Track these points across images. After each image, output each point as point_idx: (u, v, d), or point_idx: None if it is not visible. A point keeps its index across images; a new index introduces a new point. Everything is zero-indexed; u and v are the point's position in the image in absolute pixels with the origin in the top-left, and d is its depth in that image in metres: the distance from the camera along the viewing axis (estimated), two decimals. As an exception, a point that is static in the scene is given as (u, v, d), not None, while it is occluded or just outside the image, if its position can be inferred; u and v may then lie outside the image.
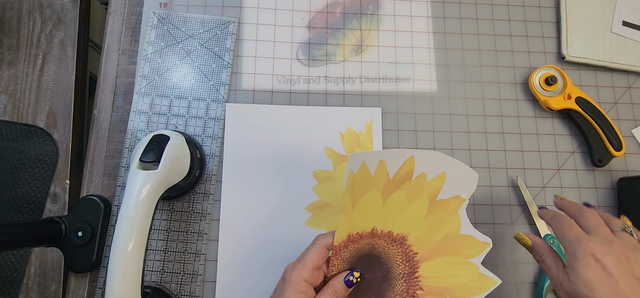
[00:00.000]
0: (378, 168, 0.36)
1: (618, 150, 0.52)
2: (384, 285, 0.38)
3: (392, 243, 0.38)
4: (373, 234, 0.37)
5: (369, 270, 0.38)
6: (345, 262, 0.37)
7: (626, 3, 0.58)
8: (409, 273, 0.38)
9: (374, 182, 0.36)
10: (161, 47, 0.54)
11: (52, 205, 0.51)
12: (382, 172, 0.36)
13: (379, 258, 0.38)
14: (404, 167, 0.36)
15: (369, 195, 0.36)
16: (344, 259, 0.37)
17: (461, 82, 0.55)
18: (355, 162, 0.35)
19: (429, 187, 0.37)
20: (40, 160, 0.52)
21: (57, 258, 0.49)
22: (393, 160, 0.36)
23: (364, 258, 0.38)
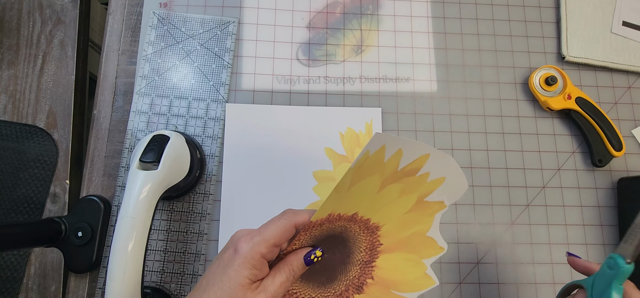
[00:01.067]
0: (393, 156, 0.35)
1: (618, 150, 0.52)
2: (340, 268, 0.37)
3: (365, 231, 0.37)
4: (353, 218, 0.37)
5: (330, 250, 0.37)
6: (312, 240, 0.36)
7: (626, 3, 0.58)
8: (367, 261, 0.38)
9: (382, 168, 0.35)
10: (161, 47, 0.54)
11: (52, 205, 0.51)
12: (395, 161, 0.35)
13: (346, 241, 0.37)
14: (416, 162, 0.36)
15: (369, 180, 0.36)
16: (312, 237, 0.36)
17: (461, 82, 0.55)
18: (376, 143, 0.34)
19: (425, 187, 0.37)
20: (40, 160, 0.52)
21: (57, 258, 0.49)
22: (410, 152, 0.35)
23: (331, 239, 0.37)
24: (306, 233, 0.35)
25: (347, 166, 0.51)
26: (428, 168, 0.36)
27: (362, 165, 0.34)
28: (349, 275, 0.37)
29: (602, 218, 0.52)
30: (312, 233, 0.35)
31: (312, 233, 0.35)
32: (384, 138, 0.34)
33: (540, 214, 0.51)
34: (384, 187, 0.36)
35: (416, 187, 0.37)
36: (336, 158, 0.51)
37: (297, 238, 0.35)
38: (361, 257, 0.38)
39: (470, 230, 0.51)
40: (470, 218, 0.51)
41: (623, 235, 0.50)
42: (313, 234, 0.36)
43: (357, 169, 0.34)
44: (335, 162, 0.51)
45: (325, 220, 0.35)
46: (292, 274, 0.34)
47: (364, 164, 0.35)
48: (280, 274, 0.33)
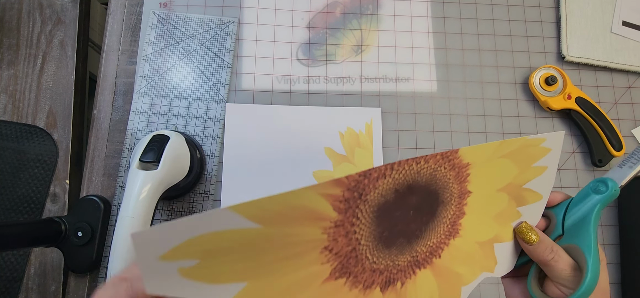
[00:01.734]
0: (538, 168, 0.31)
1: (618, 150, 0.52)
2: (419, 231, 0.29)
3: (458, 198, 0.30)
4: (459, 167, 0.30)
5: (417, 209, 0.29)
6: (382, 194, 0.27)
7: (626, 3, 0.58)
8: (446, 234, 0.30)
9: (525, 168, 0.31)
10: (161, 47, 0.54)
11: (52, 205, 0.51)
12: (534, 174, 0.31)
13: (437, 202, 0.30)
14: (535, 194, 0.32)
15: (508, 165, 0.30)
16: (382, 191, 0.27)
17: (461, 82, 0.55)
18: (553, 142, 0.31)
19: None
20: (40, 160, 0.52)
21: (57, 258, 0.49)
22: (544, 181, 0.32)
23: (424, 191, 0.29)
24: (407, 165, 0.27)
25: (347, 166, 0.51)
26: (524, 212, 0.32)
27: (530, 146, 0.30)
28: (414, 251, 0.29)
29: (602, 218, 0.52)
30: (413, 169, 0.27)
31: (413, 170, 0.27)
32: (558, 143, 0.31)
33: (540, 214, 0.51)
34: (503, 191, 0.31)
35: (504, 223, 0.32)
36: (336, 158, 0.51)
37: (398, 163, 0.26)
38: (432, 242, 0.30)
39: (470, 230, 0.51)
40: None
41: (623, 235, 0.50)
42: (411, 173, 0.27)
43: (525, 145, 0.30)
44: (335, 162, 0.51)
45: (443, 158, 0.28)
46: None
47: (530, 147, 0.31)
48: None
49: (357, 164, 0.51)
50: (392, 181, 0.26)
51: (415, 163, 0.27)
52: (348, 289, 0.26)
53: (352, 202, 0.25)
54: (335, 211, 0.24)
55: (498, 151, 0.30)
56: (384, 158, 0.52)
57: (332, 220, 0.24)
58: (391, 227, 0.27)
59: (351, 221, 0.25)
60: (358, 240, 0.26)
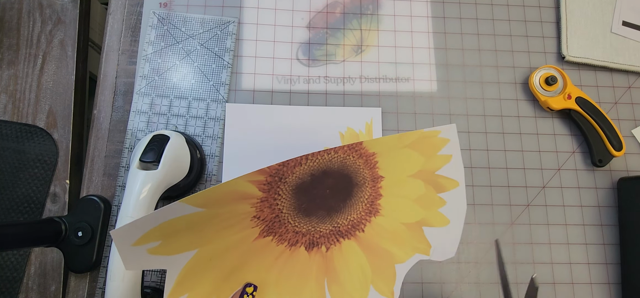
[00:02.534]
0: (443, 157, 0.35)
1: (618, 150, 0.52)
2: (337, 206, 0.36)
3: (371, 181, 0.36)
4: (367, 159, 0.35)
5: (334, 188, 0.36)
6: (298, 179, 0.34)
7: (626, 3, 0.58)
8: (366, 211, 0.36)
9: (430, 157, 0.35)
10: (161, 47, 0.54)
11: (52, 205, 0.51)
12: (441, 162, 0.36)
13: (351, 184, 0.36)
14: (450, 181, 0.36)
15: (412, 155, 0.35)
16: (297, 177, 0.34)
17: (461, 82, 0.55)
18: (448, 133, 0.35)
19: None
20: (40, 160, 0.52)
21: (57, 258, 0.49)
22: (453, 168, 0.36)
23: (338, 175, 0.35)
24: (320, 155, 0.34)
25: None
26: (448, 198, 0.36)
27: (429, 137, 0.35)
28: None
29: (602, 218, 0.52)
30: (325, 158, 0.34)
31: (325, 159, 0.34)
32: (453, 134, 0.35)
33: (540, 214, 0.51)
34: (416, 177, 0.36)
35: (429, 207, 0.37)
36: (336, 158, 0.51)
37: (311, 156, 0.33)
38: (353, 217, 0.36)
39: (471, 230, 0.51)
40: (470, 218, 0.51)
41: (623, 235, 0.50)
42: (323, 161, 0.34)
43: (424, 137, 0.35)
44: (335, 162, 0.51)
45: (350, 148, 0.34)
46: None
47: (429, 138, 0.35)
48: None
49: (357, 164, 0.51)
50: (307, 168, 0.33)
51: (326, 154, 0.34)
52: (275, 245, 0.35)
53: (274, 184, 0.33)
54: (260, 191, 0.33)
55: (399, 142, 0.35)
56: (384, 158, 0.52)
57: (258, 198, 0.33)
58: (309, 201, 0.35)
59: (273, 197, 0.33)
60: (280, 209, 0.34)
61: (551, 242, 0.51)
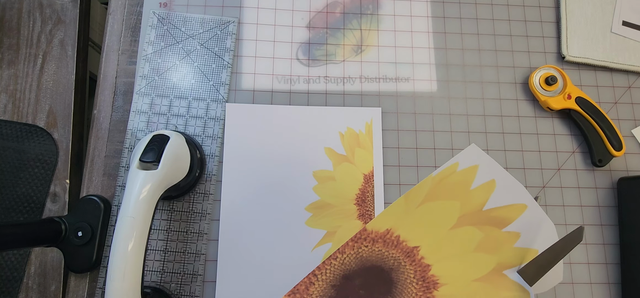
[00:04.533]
0: (484, 186, 0.29)
1: (618, 150, 0.52)
2: None
3: (419, 281, 0.30)
4: (411, 253, 0.30)
5: (369, 287, 0.30)
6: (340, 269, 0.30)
7: (626, 3, 0.58)
8: None
9: (466, 196, 0.29)
10: (161, 47, 0.54)
11: (52, 205, 0.51)
12: (483, 194, 0.29)
13: (391, 282, 0.30)
14: (508, 209, 0.29)
15: (447, 205, 0.29)
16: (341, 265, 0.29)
17: (461, 82, 0.55)
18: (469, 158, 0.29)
19: (509, 253, 0.30)
20: (40, 159, 0.52)
21: (57, 258, 0.49)
22: (504, 190, 0.29)
23: (371, 272, 0.30)
24: (328, 265, 0.29)
25: (347, 166, 0.51)
26: (520, 227, 0.29)
27: (445, 179, 0.29)
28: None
29: (602, 218, 0.52)
30: (335, 265, 0.29)
31: (335, 266, 0.29)
32: (479, 155, 0.28)
33: (540, 214, 0.51)
34: (461, 226, 0.30)
35: (498, 248, 0.30)
36: (336, 158, 0.51)
37: (318, 270, 0.29)
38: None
39: (470, 230, 0.51)
40: (470, 218, 0.51)
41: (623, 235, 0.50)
42: (336, 267, 0.29)
43: (438, 181, 0.29)
44: (335, 162, 0.51)
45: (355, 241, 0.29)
46: None
47: (447, 179, 0.29)
48: None
49: (357, 164, 0.51)
50: (323, 283, 0.28)
51: (333, 260, 0.28)
52: None
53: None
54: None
55: (410, 203, 0.29)
56: (384, 158, 0.52)
57: None
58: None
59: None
60: None
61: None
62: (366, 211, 0.49)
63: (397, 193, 0.51)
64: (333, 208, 0.49)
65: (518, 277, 0.29)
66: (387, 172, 0.51)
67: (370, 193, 0.50)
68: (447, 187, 0.29)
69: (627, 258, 0.49)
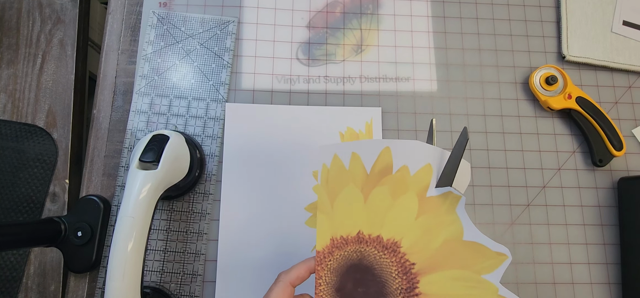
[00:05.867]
0: (352, 161, 0.33)
1: (619, 150, 0.52)
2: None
3: (384, 251, 0.33)
4: (359, 239, 0.33)
5: (362, 284, 0.33)
6: (334, 273, 0.33)
7: (626, 3, 0.58)
8: (408, 288, 0.32)
9: (350, 176, 0.33)
10: (161, 47, 0.54)
11: (51, 205, 0.51)
12: (358, 165, 0.33)
13: (371, 269, 0.33)
14: (380, 159, 0.33)
15: (346, 191, 0.33)
16: (331, 269, 0.33)
17: (461, 82, 0.55)
18: (327, 155, 0.33)
19: (414, 181, 0.33)
20: (40, 159, 0.52)
21: (57, 258, 0.49)
22: (368, 152, 0.33)
23: (354, 269, 0.33)
24: (322, 267, 0.33)
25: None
26: (401, 162, 0.33)
27: (328, 179, 0.33)
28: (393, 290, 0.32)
29: (603, 218, 0.52)
30: (328, 265, 0.33)
31: (329, 265, 0.33)
32: (332, 147, 0.33)
33: (540, 214, 0.51)
34: (368, 195, 0.33)
35: (404, 185, 0.33)
36: (336, 158, 0.51)
37: (318, 275, 0.33)
38: (398, 285, 0.32)
39: (471, 230, 0.51)
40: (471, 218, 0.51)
41: (623, 235, 0.50)
42: (330, 266, 0.33)
43: (325, 184, 0.33)
44: (335, 161, 0.51)
45: (332, 247, 0.33)
46: None
47: (329, 178, 0.33)
48: None
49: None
50: None
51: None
52: None
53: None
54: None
55: None
56: (384, 158, 0.52)
57: None
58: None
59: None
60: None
61: (551, 242, 0.51)
62: (366, 211, 0.49)
63: (397, 193, 0.51)
64: (333, 208, 0.49)
65: (435, 189, 0.33)
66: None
67: (370, 193, 0.50)
68: (334, 183, 0.33)
69: (627, 258, 0.49)
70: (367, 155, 0.33)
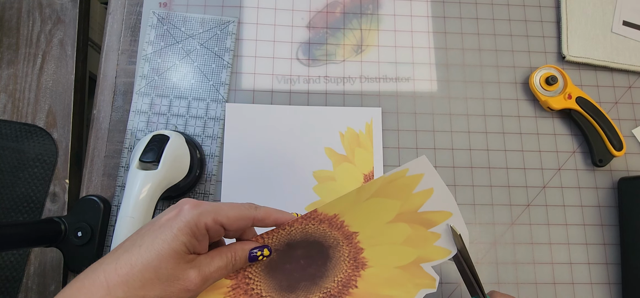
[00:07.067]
0: (423, 193, 0.34)
1: (619, 150, 0.52)
2: (314, 280, 0.35)
3: (346, 243, 0.35)
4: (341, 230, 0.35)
5: (305, 258, 0.34)
6: (281, 242, 0.34)
7: (626, 3, 0.58)
8: (345, 282, 0.35)
9: (407, 198, 0.34)
10: (161, 47, 0.54)
11: (51, 205, 0.51)
12: (421, 199, 0.34)
13: (325, 251, 0.35)
14: (437, 214, 0.35)
15: (388, 203, 0.34)
16: (281, 239, 0.34)
17: (461, 82, 0.55)
18: (419, 167, 0.33)
19: (429, 251, 0.35)
20: (40, 159, 0.52)
21: (57, 258, 0.49)
22: (438, 198, 0.34)
23: (306, 246, 0.34)
24: (276, 232, 0.33)
25: (347, 166, 0.51)
26: (441, 230, 0.35)
27: (394, 181, 0.34)
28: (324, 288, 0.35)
29: (603, 218, 0.52)
30: (281, 234, 0.33)
31: (282, 235, 0.33)
32: (426, 166, 0.33)
33: (540, 214, 0.51)
34: (397, 221, 0.35)
35: (421, 244, 0.35)
36: (336, 158, 0.51)
37: (266, 235, 0.33)
38: (340, 277, 0.35)
39: (471, 230, 0.51)
40: (471, 218, 0.51)
41: (623, 235, 0.50)
42: (282, 236, 0.33)
43: (388, 182, 0.34)
44: (336, 161, 0.51)
45: (305, 219, 0.34)
46: (232, 263, 0.30)
47: (396, 181, 0.34)
48: (219, 258, 0.30)
49: (357, 164, 0.51)
50: (270, 244, 0.33)
51: (281, 229, 0.33)
52: None
53: (236, 271, 0.32)
54: (228, 279, 0.32)
55: (360, 196, 0.34)
56: (384, 158, 0.52)
57: (227, 286, 0.32)
58: (288, 276, 0.34)
59: (245, 282, 0.33)
60: (259, 294, 0.33)
61: (551, 242, 0.51)
62: (366, 211, 0.49)
63: (397, 193, 0.51)
64: (333, 208, 0.49)
65: (430, 268, 0.35)
66: (388, 172, 0.51)
67: (371, 193, 0.50)
68: (394, 187, 0.34)
69: (627, 258, 0.49)
70: (436, 200, 0.35)
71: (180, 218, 0.28)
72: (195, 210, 0.28)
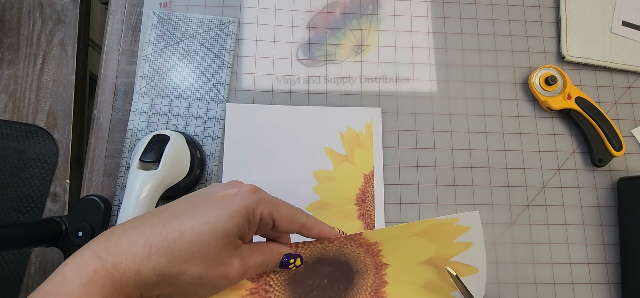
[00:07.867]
0: (461, 244, 0.34)
1: (618, 150, 0.52)
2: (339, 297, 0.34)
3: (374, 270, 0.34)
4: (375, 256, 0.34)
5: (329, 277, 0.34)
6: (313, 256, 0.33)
7: (626, 3, 0.58)
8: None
9: (446, 246, 0.34)
10: (161, 47, 0.54)
11: (52, 205, 0.51)
12: (457, 249, 0.34)
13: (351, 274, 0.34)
14: (466, 267, 0.35)
15: (428, 245, 0.34)
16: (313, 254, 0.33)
17: (461, 82, 0.55)
18: (470, 220, 0.33)
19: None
20: (41, 159, 0.52)
21: (57, 258, 0.49)
22: (472, 254, 0.34)
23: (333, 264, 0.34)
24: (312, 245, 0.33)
25: (348, 166, 0.51)
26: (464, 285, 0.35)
27: (442, 226, 0.33)
28: None
29: (602, 218, 0.52)
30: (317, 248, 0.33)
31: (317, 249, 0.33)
32: (475, 221, 0.33)
33: (540, 214, 0.51)
34: (427, 264, 0.35)
35: (440, 291, 0.35)
36: (336, 158, 0.51)
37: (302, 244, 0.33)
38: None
39: (470, 229, 0.51)
40: (470, 218, 0.51)
41: (623, 235, 0.50)
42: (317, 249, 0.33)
43: (436, 225, 0.33)
44: (335, 162, 0.51)
45: (347, 239, 0.33)
46: (266, 263, 0.29)
47: (443, 226, 0.34)
48: (258, 254, 0.28)
49: (357, 164, 0.51)
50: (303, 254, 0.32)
51: (319, 243, 0.32)
52: None
53: (263, 273, 0.31)
54: (249, 280, 0.31)
55: (406, 231, 0.33)
56: (384, 158, 0.52)
57: (247, 289, 0.31)
58: (306, 293, 0.32)
59: (265, 288, 0.31)
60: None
61: (551, 242, 0.51)
62: (366, 211, 0.49)
63: (397, 193, 0.51)
64: (333, 209, 0.49)
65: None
66: (387, 172, 0.51)
67: (371, 193, 0.50)
68: (439, 232, 0.34)
69: (627, 258, 0.49)
70: (470, 255, 0.35)
71: (238, 199, 0.26)
72: (255, 195, 0.27)
